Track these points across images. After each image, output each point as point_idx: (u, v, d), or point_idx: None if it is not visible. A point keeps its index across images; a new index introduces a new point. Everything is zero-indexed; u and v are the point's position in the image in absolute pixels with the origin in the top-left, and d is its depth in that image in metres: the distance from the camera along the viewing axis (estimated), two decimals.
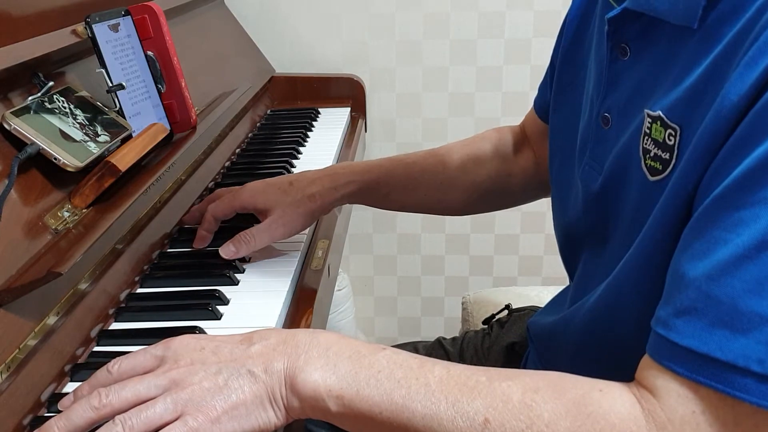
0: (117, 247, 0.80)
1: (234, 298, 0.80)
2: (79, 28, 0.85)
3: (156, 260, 0.88)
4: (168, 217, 0.93)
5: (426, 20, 1.66)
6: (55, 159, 0.72)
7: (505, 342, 0.98)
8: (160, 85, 0.96)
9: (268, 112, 1.52)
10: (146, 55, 0.94)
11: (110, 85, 0.86)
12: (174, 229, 0.94)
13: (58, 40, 0.82)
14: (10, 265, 0.64)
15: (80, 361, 0.69)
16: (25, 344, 0.62)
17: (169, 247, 0.91)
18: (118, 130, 0.83)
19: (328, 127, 1.44)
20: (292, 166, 1.21)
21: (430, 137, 1.75)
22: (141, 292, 0.81)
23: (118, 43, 0.89)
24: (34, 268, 0.65)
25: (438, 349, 1.04)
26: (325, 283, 0.90)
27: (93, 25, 0.84)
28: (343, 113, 1.53)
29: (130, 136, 0.85)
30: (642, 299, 0.57)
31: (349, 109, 1.55)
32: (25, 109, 0.73)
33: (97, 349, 0.71)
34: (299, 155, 1.28)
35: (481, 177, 0.97)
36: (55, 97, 0.79)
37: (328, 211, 0.94)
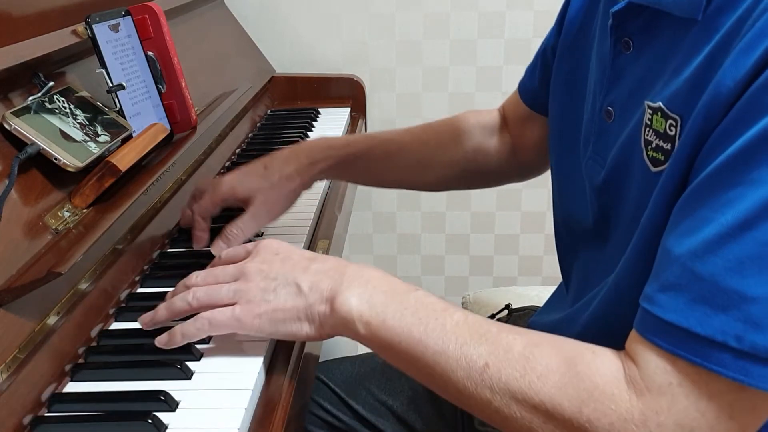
0: (117, 247, 0.80)
1: None
2: (80, 28, 0.85)
3: (156, 260, 0.88)
4: (168, 217, 0.93)
5: (426, 20, 1.66)
6: (56, 159, 0.73)
7: None
8: (160, 85, 0.96)
9: (269, 112, 1.52)
10: (146, 55, 0.94)
11: (110, 85, 0.86)
12: (174, 229, 0.94)
13: (59, 40, 0.82)
14: (10, 265, 0.64)
15: (80, 360, 0.69)
16: (25, 344, 0.62)
17: (170, 247, 0.91)
18: (118, 130, 0.83)
19: (329, 127, 1.44)
20: None
21: None
22: (141, 292, 0.81)
23: (119, 44, 0.89)
24: (35, 268, 0.65)
25: None
26: None
27: (93, 25, 0.84)
28: (343, 113, 1.53)
29: (130, 136, 0.85)
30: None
31: (349, 109, 1.55)
32: (26, 109, 0.73)
33: (97, 348, 0.71)
34: None
35: (457, 156, 0.98)
36: (55, 97, 0.79)
37: (309, 186, 0.95)
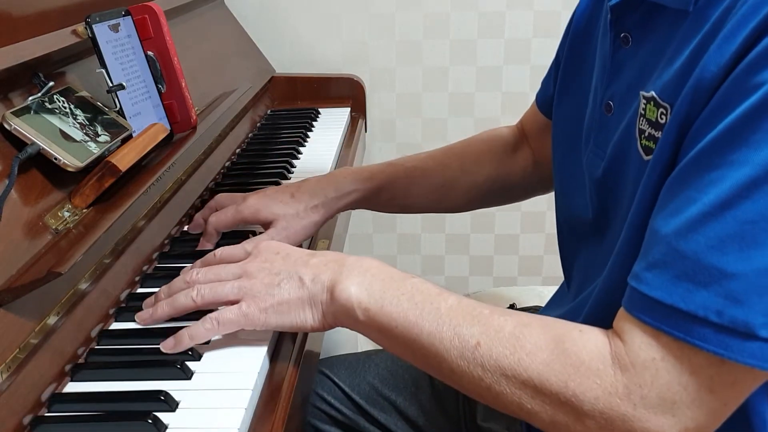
0: (117, 247, 0.80)
1: None
2: (80, 28, 0.85)
3: (156, 260, 0.88)
4: (168, 217, 0.93)
5: (426, 20, 1.66)
6: (56, 159, 0.72)
7: None
8: (160, 85, 0.96)
9: (268, 113, 1.52)
10: (146, 55, 0.94)
11: (110, 85, 0.86)
12: (175, 229, 0.94)
13: (59, 40, 0.82)
14: (10, 265, 0.64)
15: (80, 360, 0.69)
16: (25, 344, 0.62)
17: (170, 247, 0.91)
18: (118, 130, 0.83)
19: (328, 127, 1.44)
20: (293, 167, 1.21)
21: (430, 137, 1.75)
22: (141, 292, 0.81)
23: (119, 44, 0.89)
24: (35, 268, 0.65)
25: None
26: None
27: (93, 25, 0.84)
28: (343, 113, 1.53)
29: (130, 136, 0.85)
30: None
31: (349, 109, 1.55)
32: (26, 109, 0.73)
33: (97, 348, 0.71)
34: (299, 155, 1.28)
35: (481, 177, 0.98)
36: (55, 97, 0.79)
37: (332, 218, 0.95)
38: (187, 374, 0.66)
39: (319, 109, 1.53)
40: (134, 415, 0.60)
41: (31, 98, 0.76)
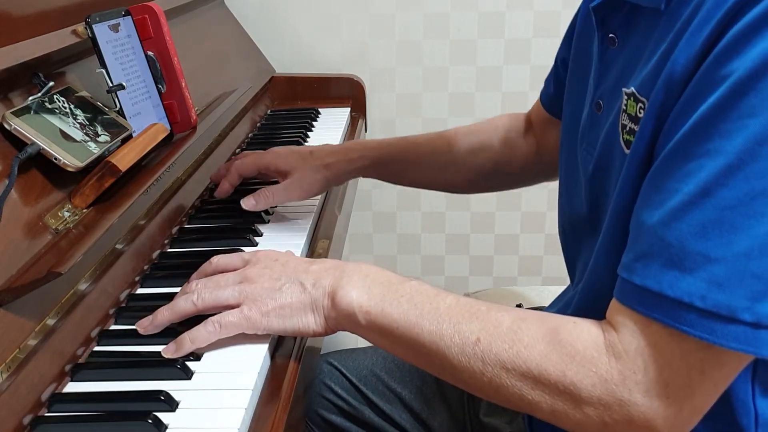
0: (117, 247, 0.80)
1: None
2: (80, 28, 0.85)
3: (156, 260, 0.88)
4: (168, 217, 0.93)
5: (426, 20, 1.66)
6: (56, 159, 0.73)
7: None
8: (160, 85, 0.96)
9: (268, 113, 1.52)
10: (146, 55, 0.94)
11: (110, 85, 0.86)
12: (175, 229, 0.94)
13: (59, 40, 0.82)
14: (10, 265, 0.64)
15: (80, 361, 0.69)
16: (25, 344, 0.62)
17: (170, 247, 0.91)
18: (118, 130, 0.83)
19: (329, 127, 1.44)
20: None
21: None
22: (141, 293, 0.81)
23: (119, 43, 0.89)
24: (35, 268, 0.65)
25: None
26: None
27: (93, 25, 0.84)
28: (343, 113, 1.53)
29: (130, 136, 0.85)
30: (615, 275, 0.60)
31: (349, 109, 1.55)
32: (26, 109, 0.73)
33: (97, 349, 0.71)
34: None
35: (485, 160, 1.04)
36: (55, 97, 0.79)
37: (342, 182, 1.06)
38: (187, 374, 0.66)
39: (319, 109, 1.53)
40: (134, 415, 0.60)
41: (31, 98, 0.76)
